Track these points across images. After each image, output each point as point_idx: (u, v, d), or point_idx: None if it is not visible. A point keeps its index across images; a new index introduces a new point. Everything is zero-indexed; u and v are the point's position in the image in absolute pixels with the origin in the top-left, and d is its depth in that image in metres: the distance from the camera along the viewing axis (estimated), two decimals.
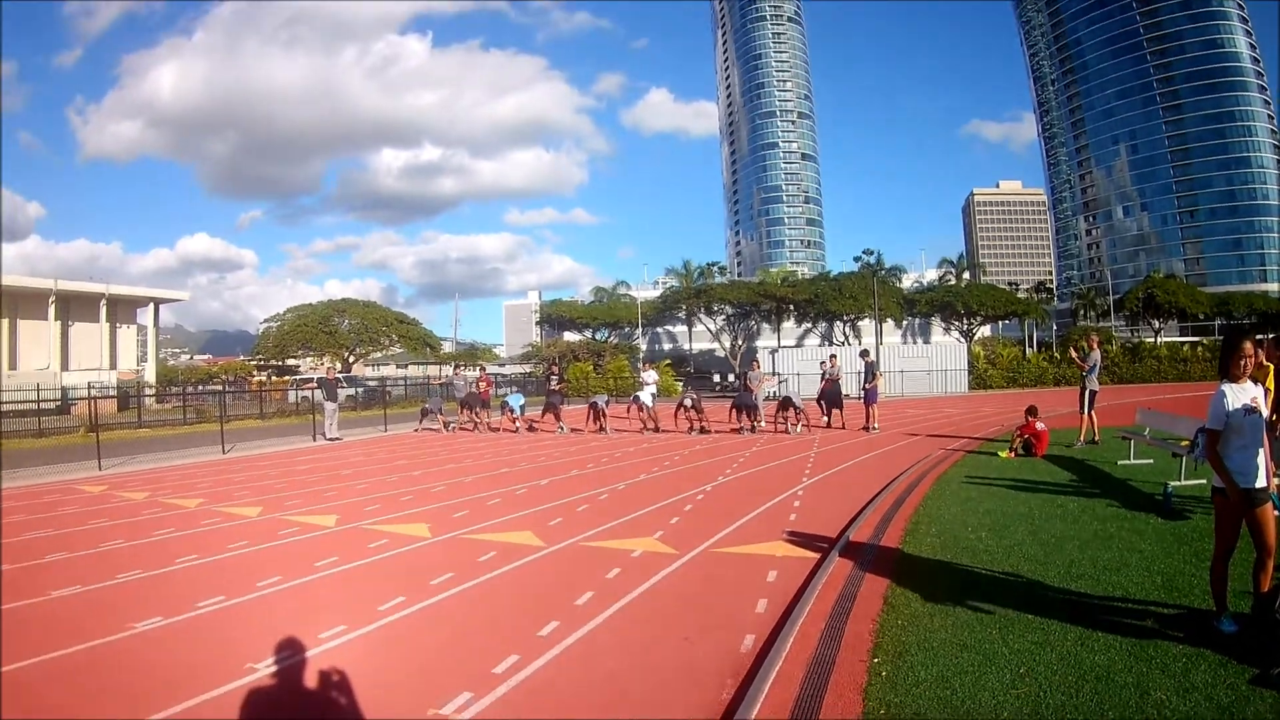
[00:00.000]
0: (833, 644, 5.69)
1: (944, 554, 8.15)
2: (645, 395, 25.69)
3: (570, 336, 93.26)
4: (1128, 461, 13.98)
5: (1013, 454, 15.79)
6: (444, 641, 6.39)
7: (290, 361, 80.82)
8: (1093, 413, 17.10)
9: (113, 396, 40.17)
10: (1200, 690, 4.63)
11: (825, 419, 25.37)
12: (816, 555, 8.57)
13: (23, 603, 7.89)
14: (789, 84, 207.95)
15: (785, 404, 23.57)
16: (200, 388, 59.10)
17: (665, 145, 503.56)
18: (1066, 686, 4.79)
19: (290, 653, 6.07)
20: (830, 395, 24.95)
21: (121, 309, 68.25)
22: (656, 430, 24.74)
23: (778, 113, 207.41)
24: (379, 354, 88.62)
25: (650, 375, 28.51)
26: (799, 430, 22.83)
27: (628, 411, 26.43)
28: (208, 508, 13.46)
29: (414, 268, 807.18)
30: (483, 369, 33.34)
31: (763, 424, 24.36)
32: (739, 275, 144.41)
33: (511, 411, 27.54)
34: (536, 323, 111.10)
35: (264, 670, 5.81)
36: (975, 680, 4.93)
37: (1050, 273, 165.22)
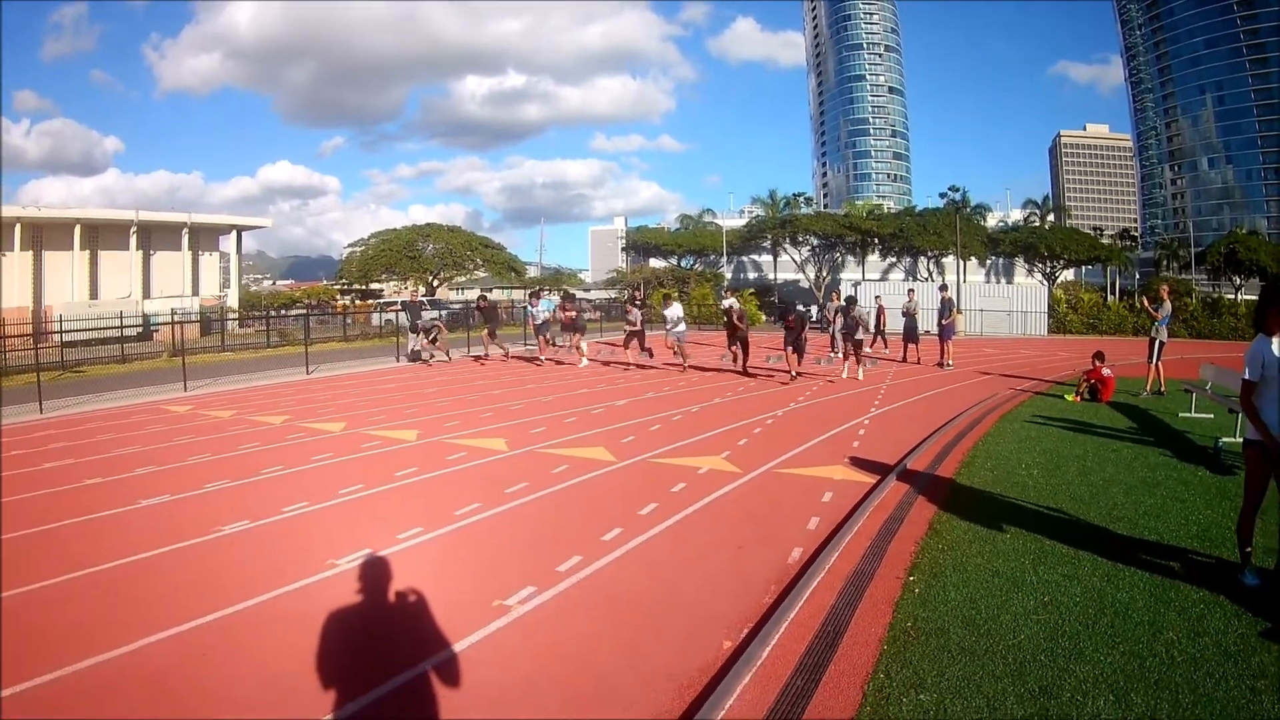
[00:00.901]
0: (874, 561, 6.06)
1: (995, 487, 8.42)
2: (679, 326, 23.29)
3: (656, 263, 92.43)
4: (1189, 414, 13.91)
5: (1078, 398, 15.79)
6: (513, 543, 6.89)
7: (374, 286, 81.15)
8: (1159, 363, 16.88)
9: (196, 321, 41.07)
10: (1210, 635, 4.82)
11: (901, 354, 25.41)
12: (873, 480, 8.94)
13: (114, 510, 8.52)
14: (875, 16, 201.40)
15: (849, 306, 21.30)
16: (283, 311, 59.79)
17: (753, 74, 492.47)
18: (1085, 618, 5.03)
19: (367, 550, 6.60)
20: (907, 329, 25.00)
21: (204, 237, 69.24)
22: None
23: (864, 45, 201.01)
24: (463, 278, 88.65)
25: (730, 303, 28.28)
26: (862, 373, 21.12)
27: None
28: (292, 424, 14.07)
29: (499, 193, 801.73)
30: (566, 293, 33.24)
31: (838, 354, 24.26)
32: (825, 207, 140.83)
33: (534, 318, 25.55)
34: (622, 249, 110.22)
35: (343, 565, 6.35)
36: (1000, 603, 5.22)
37: (1135, 220, 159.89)
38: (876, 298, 30.01)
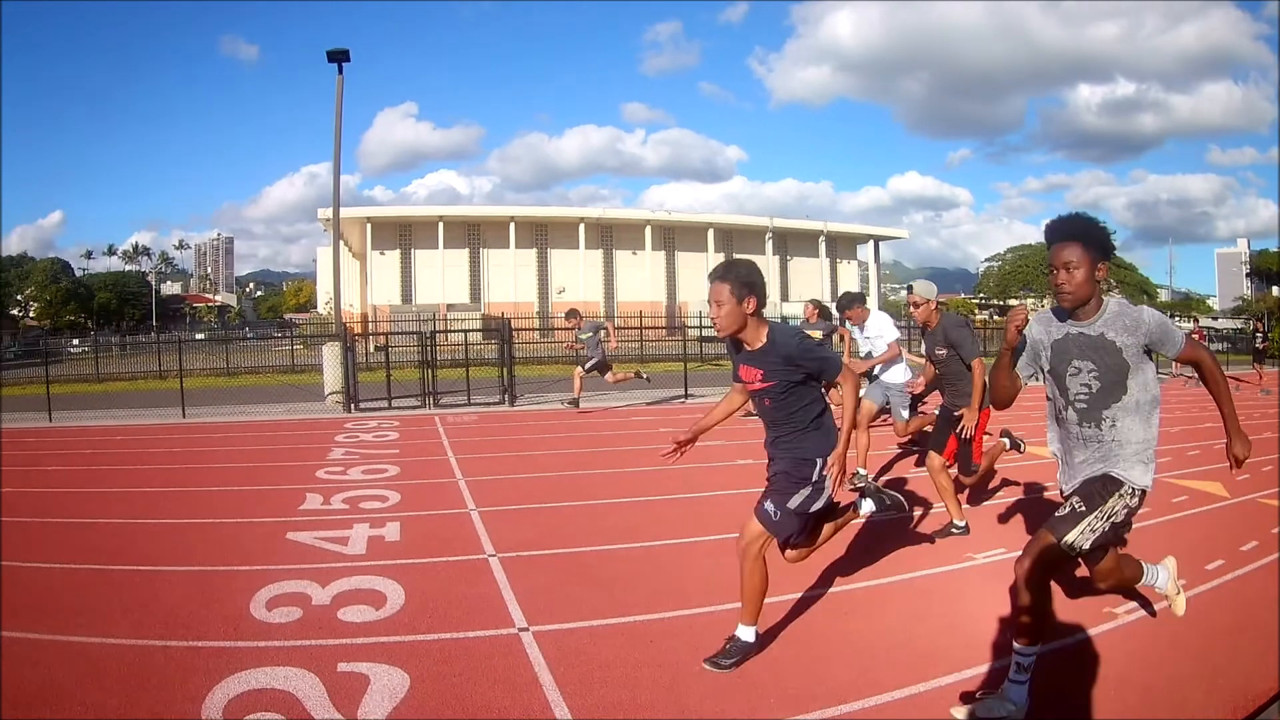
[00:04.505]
0: None
1: None
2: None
3: (1277, 291, 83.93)
4: None
5: None
6: None
7: (1011, 302, 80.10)
8: None
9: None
10: None
11: None
12: None
13: (700, 493, 10.67)
14: None
15: None
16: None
17: None
18: None
19: (1001, 549, 7.76)
20: None
21: (840, 245, 73.50)
22: None
23: None
24: None
25: None
26: None
27: None
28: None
29: (1126, 209, 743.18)
30: (1195, 320, 32.17)
31: None
32: None
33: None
34: (1246, 274, 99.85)
35: (980, 559, 7.63)
36: None
37: None
38: None
